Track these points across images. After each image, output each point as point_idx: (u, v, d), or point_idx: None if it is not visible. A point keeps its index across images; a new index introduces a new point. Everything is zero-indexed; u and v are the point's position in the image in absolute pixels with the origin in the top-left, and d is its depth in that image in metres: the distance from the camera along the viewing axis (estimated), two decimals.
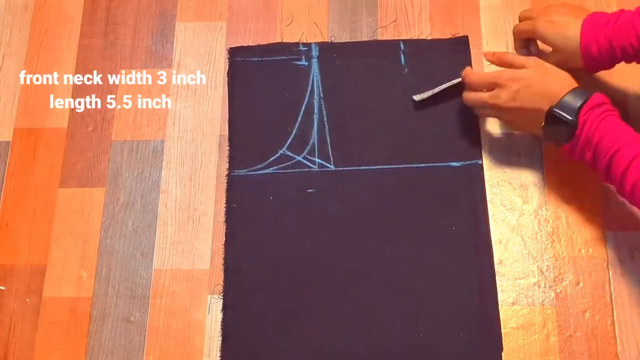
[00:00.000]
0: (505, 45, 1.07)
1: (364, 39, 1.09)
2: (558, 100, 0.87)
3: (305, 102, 1.05)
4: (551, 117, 0.88)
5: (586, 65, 0.91)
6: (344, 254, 0.97)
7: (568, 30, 0.91)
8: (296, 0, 1.12)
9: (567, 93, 0.87)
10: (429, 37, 1.08)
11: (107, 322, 0.96)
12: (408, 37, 1.08)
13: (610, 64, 0.91)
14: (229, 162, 1.03)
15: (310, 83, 1.06)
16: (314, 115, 1.04)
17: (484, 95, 0.94)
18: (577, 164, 1.00)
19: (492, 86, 0.93)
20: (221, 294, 0.96)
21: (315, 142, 1.03)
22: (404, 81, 1.05)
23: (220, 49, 1.10)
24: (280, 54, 1.08)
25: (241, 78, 1.07)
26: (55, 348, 0.96)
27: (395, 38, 1.08)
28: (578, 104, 0.86)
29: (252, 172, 1.02)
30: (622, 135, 0.84)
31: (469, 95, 0.96)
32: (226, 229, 0.99)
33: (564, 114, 0.86)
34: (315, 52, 1.08)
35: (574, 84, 0.89)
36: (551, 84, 0.89)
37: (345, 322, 0.94)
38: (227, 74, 1.08)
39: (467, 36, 1.07)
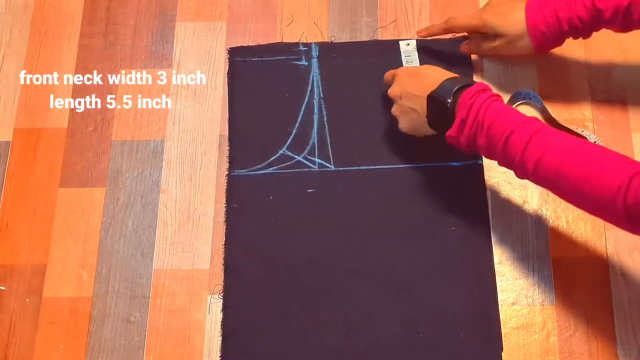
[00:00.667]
0: None
1: (364, 39, 1.09)
2: (437, 85, 0.89)
3: (305, 102, 1.05)
4: (431, 101, 0.89)
5: (535, 42, 0.93)
6: (343, 254, 0.97)
7: (515, 13, 0.94)
8: (296, 0, 1.12)
9: (446, 79, 0.89)
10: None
11: (107, 322, 0.96)
12: (408, 37, 1.08)
13: (559, 39, 0.93)
14: (229, 162, 1.03)
15: (310, 83, 1.06)
16: (314, 115, 1.04)
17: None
18: None
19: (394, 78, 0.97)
20: (221, 294, 0.96)
21: (315, 142, 1.03)
22: None
23: (220, 49, 1.10)
24: (280, 54, 1.08)
25: (241, 78, 1.07)
26: (55, 348, 0.95)
27: (395, 38, 1.08)
28: (456, 87, 0.87)
29: (252, 172, 1.02)
30: (513, 117, 0.83)
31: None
32: (226, 228, 0.99)
33: (442, 94, 0.87)
34: (315, 52, 1.08)
35: (456, 75, 0.91)
36: (433, 74, 0.91)
37: (345, 322, 0.94)
38: (227, 74, 1.08)
39: (467, 36, 1.07)
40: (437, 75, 0.91)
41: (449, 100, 0.86)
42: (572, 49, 1.04)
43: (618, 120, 1.02)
